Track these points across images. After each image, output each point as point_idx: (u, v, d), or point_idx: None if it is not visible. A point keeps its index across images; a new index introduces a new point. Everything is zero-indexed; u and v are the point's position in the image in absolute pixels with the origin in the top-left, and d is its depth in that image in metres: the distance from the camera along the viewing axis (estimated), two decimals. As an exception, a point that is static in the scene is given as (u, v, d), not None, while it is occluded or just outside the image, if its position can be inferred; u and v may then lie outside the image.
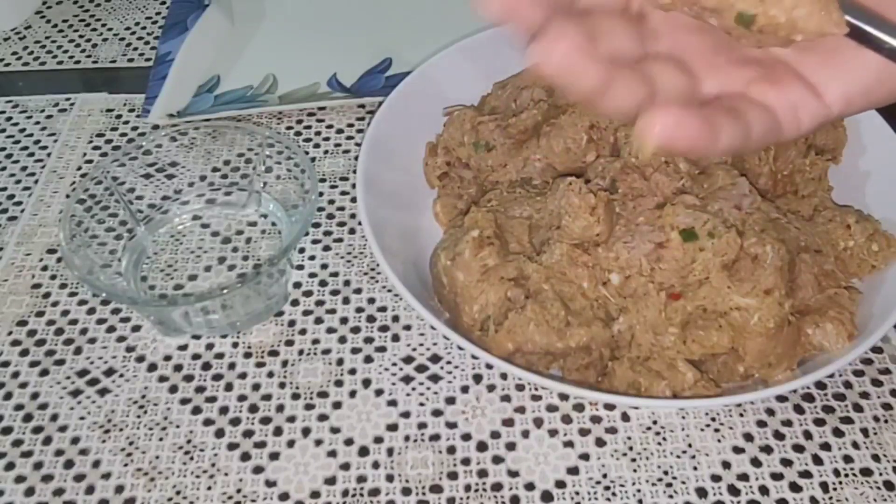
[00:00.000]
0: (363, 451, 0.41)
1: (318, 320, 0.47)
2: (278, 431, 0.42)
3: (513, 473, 0.40)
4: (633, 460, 0.41)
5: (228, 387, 0.44)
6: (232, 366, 0.45)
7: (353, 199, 0.54)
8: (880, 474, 0.40)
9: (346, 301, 0.48)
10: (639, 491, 0.40)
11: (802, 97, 0.31)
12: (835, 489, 0.40)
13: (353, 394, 0.44)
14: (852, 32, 0.29)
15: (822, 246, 0.45)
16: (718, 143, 0.28)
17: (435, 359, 0.45)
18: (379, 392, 0.44)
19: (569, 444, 0.42)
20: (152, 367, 0.45)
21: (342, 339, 0.46)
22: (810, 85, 0.31)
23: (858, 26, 0.29)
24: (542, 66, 0.27)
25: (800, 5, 0.28)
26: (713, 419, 0.42)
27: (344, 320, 0.47)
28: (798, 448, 0.41)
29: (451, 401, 0.43)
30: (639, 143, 0.27)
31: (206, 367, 0.45)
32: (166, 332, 0.47)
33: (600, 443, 0.42)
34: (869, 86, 0.31)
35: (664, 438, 0.42)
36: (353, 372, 0.45)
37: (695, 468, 0.41)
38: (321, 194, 0.54)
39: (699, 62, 0.31)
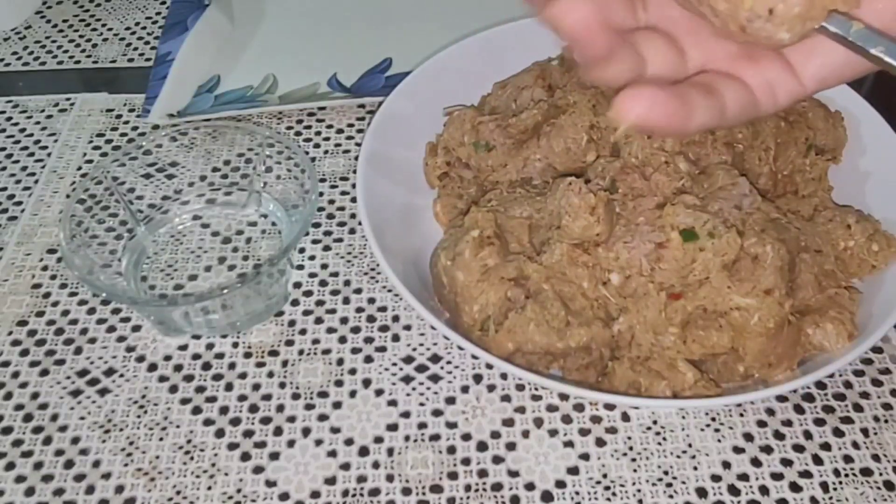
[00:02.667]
0: (363, 451, 0.41)
1: (319, 320, 0.47)
2: (278, 431, 0.42)
3: (513, 473, 0.41)
4: (634, 460, 0.41)
5: (228, 387, 0.44)
6: (232, 366, 0.45)
7: (353, 199, 0.54)
8: (880, 474, 0.40)
9: (346, 301, 0.48)
10: (639, 491, 0.40)
11: (780, 75, 0.31)
12: (835, 489, 0.40)
13: (353, 394, 0.44)
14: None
15: (823, 246, 0.45)
16: (692, 122, 0.29)
17: (435, 359, 0.45)
18: (379, 392, 0.44)
19: (569, 444, 0.42)
20: (152, 367, 0.45)
21: (342, 339, 0.46)
22: (788, 64, 0.31)
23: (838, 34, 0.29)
24: (558, 25, 0.28)
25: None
26: (713, 419, 0.42)
27: (344, 320, 0.47)
28: (798, 448, 0.41)
29: (451, 401, 0.43)
30: (614, 119, 0.28)
31: (206, 367, 0.45)
32: (166, 332, 0.47)
33: (600, 443, 0.42)
34: (840, 66, 0.31)
35: (664, 438, 0.42)
36: (353, 372, 0.45)
37: (695, 468, 0.41)
38: (321, 194, 0.54)
39: (685, 34, 0.31)
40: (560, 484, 0.40)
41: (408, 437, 0.42)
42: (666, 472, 0.40)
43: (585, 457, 0.41)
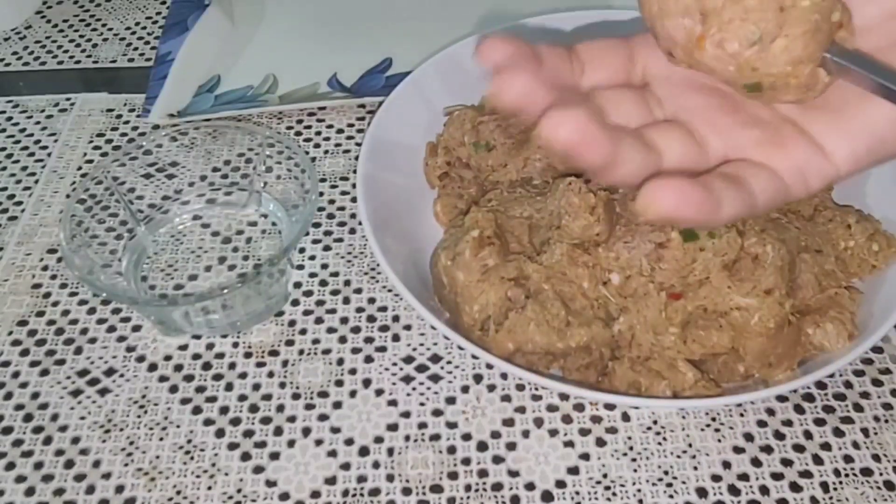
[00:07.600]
0: (363, 451, 0.41)
1: (319, 320, 0.47)
2: (278, 431, 0.42)
3: (513, 473, 0.40)
4: (634, 460, 0.41)
5: (229, 387, 0.44)
6: (232, 366, 0.45)
7: (354, 199, 0.54)
8: (881, 474, 0.40)
9: (346, 301, 0.48)
10: (639, 491, 0.40)
11: (809, 159, 0.30)
12: (835, 489, 0.40)
13: (353, 394, 0.44)
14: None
15: (823, 246, 0.45)
16: (722, 213, 0.28)
17: (435, 359, 0.45)
18: (379, 392, 0.44)
19: (569, 443, 0.42)
20: (152, 367, 0.45)
21: (342, 339, 0.46)
22: (817, 145, 0.30)
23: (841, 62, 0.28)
24: (551, 141, 0.27)
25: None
26: (713, 419, 0.42)
27: (344, 320, 0.47)
28: (798, 448, 0.41)
29: (451, 401, 0.43)
30: (642, 210, 0.28)
31: (207, 366, 0.45)
32: (166, 332, 0.47)
33: (600, 443, 0.42)
34: (874, 145, 0.30)
35: (664, 438, 0.42)
36: (353, 372, 0.45)
37: (695, 468, 0.41)
38: (321, 194, 0.54)
39: (705, 124, 0.31)
40: (560, 484, 0.40)
41: (408, 436, 0.42)
42: (666, 472, 0.40)
43: (585, 457, 0.41)
